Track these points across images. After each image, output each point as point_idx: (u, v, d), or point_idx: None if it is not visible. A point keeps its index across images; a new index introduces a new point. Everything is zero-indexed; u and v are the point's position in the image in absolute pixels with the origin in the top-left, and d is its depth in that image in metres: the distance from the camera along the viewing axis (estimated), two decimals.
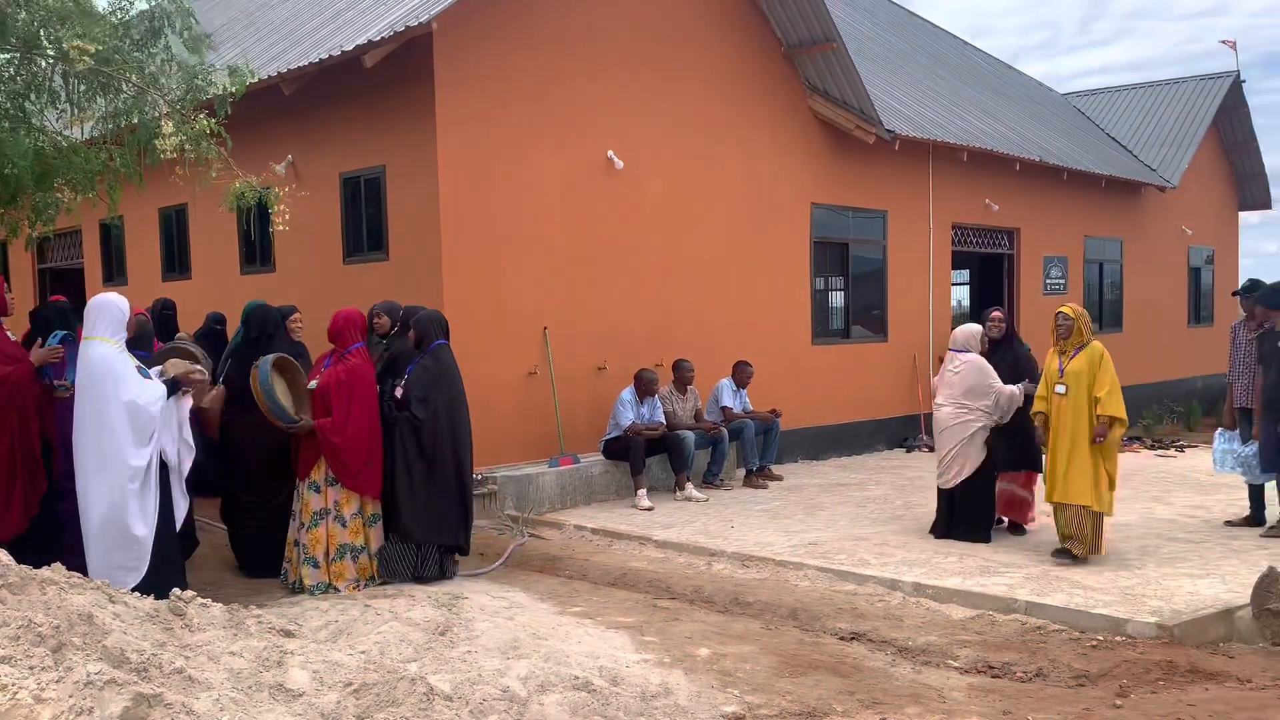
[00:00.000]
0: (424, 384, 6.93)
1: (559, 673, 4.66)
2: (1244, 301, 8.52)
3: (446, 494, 6.93)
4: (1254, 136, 21.61)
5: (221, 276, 11.73)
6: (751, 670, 5.18)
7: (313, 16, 11.54)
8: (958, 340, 8.04)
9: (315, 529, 6.77)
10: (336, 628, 5.59)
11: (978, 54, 21.26)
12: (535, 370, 9.92)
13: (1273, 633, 5.63)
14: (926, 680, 5.14)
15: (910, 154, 13.51)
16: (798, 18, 11.85)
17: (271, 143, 10.55)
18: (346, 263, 10.19)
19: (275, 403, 6.64)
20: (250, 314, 7.66)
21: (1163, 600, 6.15)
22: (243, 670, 3.84)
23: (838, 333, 13.37)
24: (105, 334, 5.58)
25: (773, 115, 12.10)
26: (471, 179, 9.39)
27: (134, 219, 13.07)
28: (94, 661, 3.40)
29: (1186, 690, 4.94)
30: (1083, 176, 16.61)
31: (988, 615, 6.15)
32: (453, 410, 6.99)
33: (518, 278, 9.75)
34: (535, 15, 9.83)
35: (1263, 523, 8.07)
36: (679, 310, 11.13)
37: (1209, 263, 21.21)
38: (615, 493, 9.90)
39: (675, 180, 11.08)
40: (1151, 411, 17.47)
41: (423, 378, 6.95)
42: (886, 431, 13.76)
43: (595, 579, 7.29)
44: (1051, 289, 16.51)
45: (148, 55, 6.88)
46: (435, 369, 6.99)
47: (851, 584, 6.89)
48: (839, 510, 9.30)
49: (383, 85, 9.48)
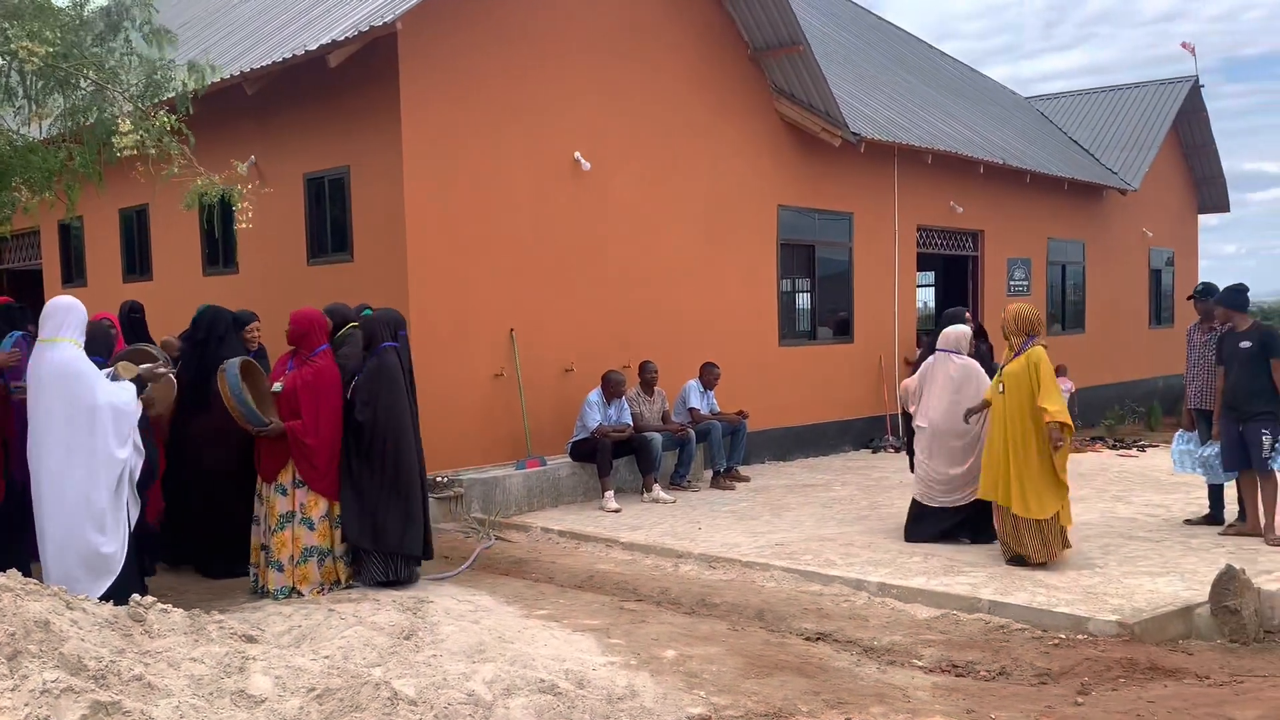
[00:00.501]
0: (366, 386, 6.87)
1: (525, 676, 4.64)
2: (1198, 305, 8.57)
3: (389, 497, 6.80)
4: (1212, 140, 21.96)
5: (184, 278, 11.60)
6: (717, 671, 5.19)
7: (277, 15, 11.44)
8: (949, 342, 7.90)
9: (282, 532, 6.69)
10: (300, 633, 5.54)
11: (943, 58, 21.45)
12: (502, 372, 9.89)
13: (1230, 629, 5.72)
14: (891, 680, 5.17)
15: (876, 157, 13.60)
16: (764, 20, 11.90)
17: (235, 143, 10.44)
18: (311, 264, 10.11)
19: (246, 405, 6.56)
20: (199, 315, 7.56)
21: (1123, 599, 6.22)
22: (204, 676, 3.79)
23: (804, 334, 13.44)
24: (71, 336, 5.49)
25: (739, 118, 12.14)
26: (437, 180, 9.35)
27: (94, 219, 12.90)
28: (50, 669, 3.36)
29: (1146, 687, 5.00)
30: (1045, 179, 16.80)
31: (952, 615, 6.20)
32: (395, 413, 6.86)
33: (484, 279, 9.72)
34: (502, 16, 9.80)
35: (1221, 521, 8.19)
36: (646, 312, 11.13)
37: (1169, 265, 21.51)
38: (582, 495, 9.89)
39: (642, 182, 11.09)
40: (1114, 411, 17.69)
41: (365, 380, 6.89)
42: (852, 432, 13.84)
43: (562, 581, 7.27)
44: (1015, 290, 16.68)
45: (106, 50, 6.77)
46: (377, 370, 6.91)
47: (817, 584, 6.92)
48: (805, 511, 9.33)
49: (347, 85, 9.41)
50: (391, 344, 7.01)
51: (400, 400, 6.91)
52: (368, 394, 6.82)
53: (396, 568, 6.87)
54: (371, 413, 6.78)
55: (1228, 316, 7.96)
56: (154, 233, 12.16)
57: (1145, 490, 10.08)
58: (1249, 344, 7.66)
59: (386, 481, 6.79)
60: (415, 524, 6.88)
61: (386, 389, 6.86)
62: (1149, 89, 21.50)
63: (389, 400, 6.85)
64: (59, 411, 5.37)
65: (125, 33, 6.78)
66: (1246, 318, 7.93)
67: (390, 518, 6.77)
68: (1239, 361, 7.71)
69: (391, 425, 6.83)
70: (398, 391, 6.92)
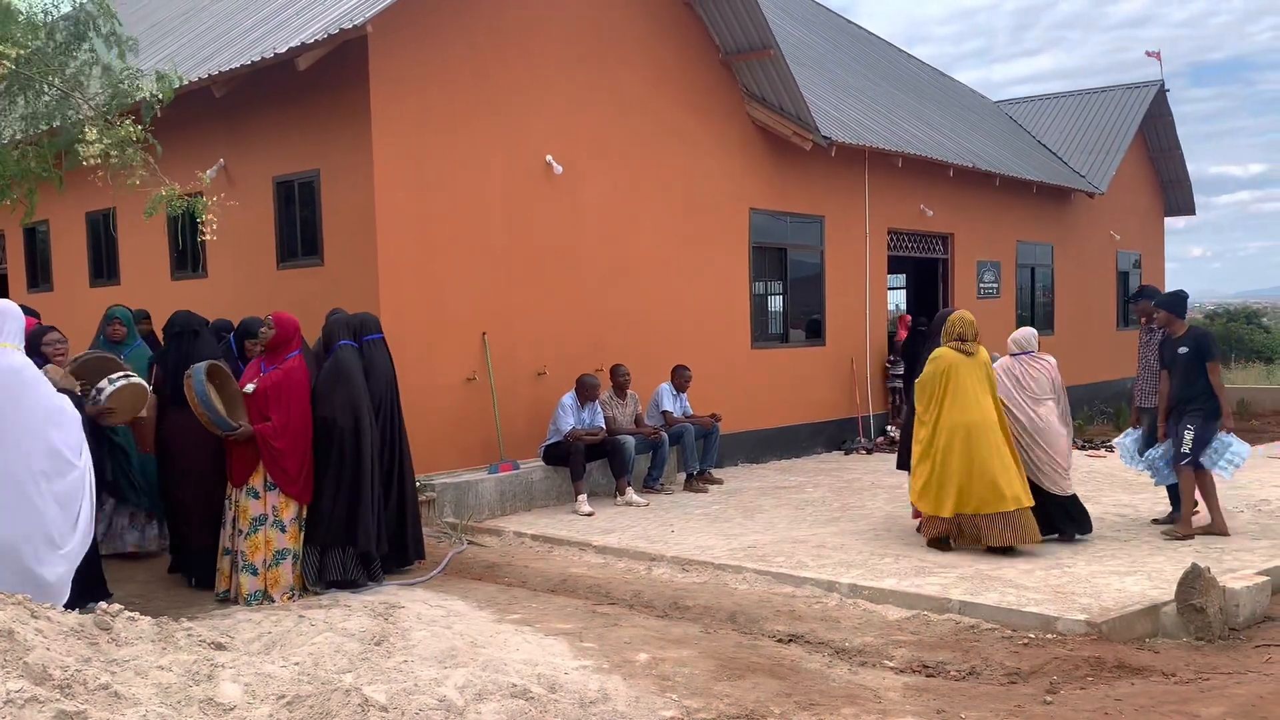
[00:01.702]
0: (323, 386, 6.85)
1: (497, 681, 4.63)
2: (1135, 307, 9.11)
3: (348, 497, 6.78)
4: (1178, 144, 22.21)
5: (152, 283, 11.48)
6: (690, 674, 5.20)
7: (246, 18, 11.35)
8: (1026, 343, 8.17)
9: (254, 535, 6.65)
10: (270, 639, 5.50)
11: (913, 62, 21.59)
12: (474, 376, 9.86)
13: (1196, 628, 5.79)
14: (862, 681, 5.20)
15: (847, 160, 13.68)
16: (735, 25, 11.94)
17: (203, 146, 10.37)
18: (281, 268, 10.04)
19: (213, 411, 6.51)
20: (172, 317, 7.51)
21: (1091, 598, 6.28)
22: (172, 685, 3.76)
23: (776, 337, 13.49)
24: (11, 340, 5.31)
25: (711, 121, 12.18)
26: (408, 183, 9.31)
27: (60, 223, 12.75)
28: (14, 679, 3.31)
29: (1114, 685, 5.06)
30: (1014, 183, 16.94)
31: (923, 615, 6.24)
32: (354, 412, 6.84)
33: (456, 282, 9.69)
34: (473, 19, 9.78)
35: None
36: (619, 315, 11.14)
37: (1137, 267, 21.74)
38: (556, 498, 9.88)
39: (614, 185, 11.09)
40: (1082, 412, 17.85)
41: (322, 380, 6.87)
42: (825, 434, 13.90)
43: (535, 585, 7.26)
44: (985, 293, 16.82)
45: (70, 58, 6.71)
46: (333, 370, 6.90)
47: (789, 586, 6.95)
48: (778, 513, 9.37)
49: (317, 88, 9.36)
50: (349, 343, 7.00)
51: (356, 397, 6.88)
52: (320, 392, 6.83)
53: (347, 567, 6.84)
54: (328, 409, 6.76)
55: (1167, 320, 8.29)
56: (121, 237, 12.03)
57: (1114, 490, 10.18)
58: (1185, 349, 8.02)
59: (347, 480, 6.77)
60: (373, 524, 6.85)
61: (344, 388, 6.85)
62: (1116, 93, 21.74)
63: (347, 399, 6.83)
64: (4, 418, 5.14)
65: (90, 40, 6.71)
66: (1183, 324, 8.26)
67: (352, 517, 6.77)
68: (1179, 367, 8.06)
69: (348, 422, 6.80)
70: (352, 387, 6.88)
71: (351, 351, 7.02)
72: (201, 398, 6.46)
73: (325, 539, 6.78)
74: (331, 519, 6.76)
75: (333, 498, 6.77)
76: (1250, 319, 38.37)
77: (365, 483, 6.84)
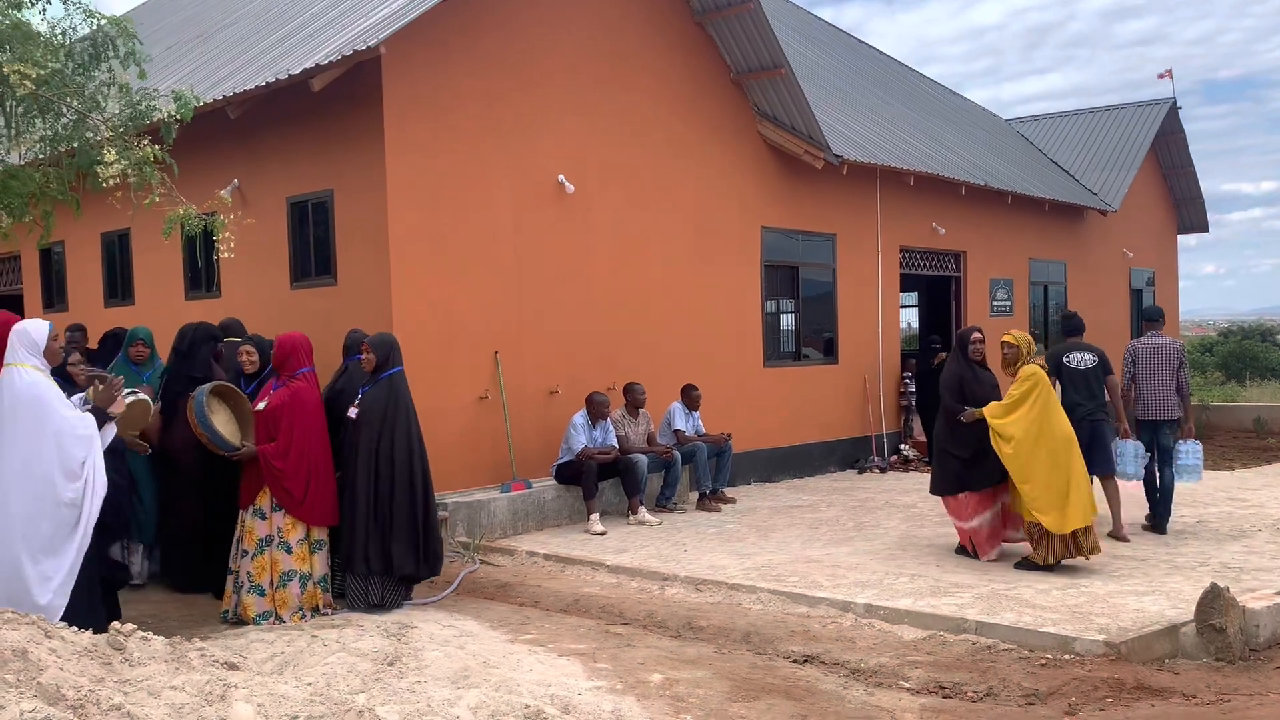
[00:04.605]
0: (380, 410, 6.83)
1: (510, 702, 4.60)
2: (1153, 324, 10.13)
3: (402, 523, 6.78)
4: (1191, 161, 22.17)
5: (166, 302, 11.53)
6: (704, 695, 5.16)
7: (261, 39, 11.45)
8: None
9: (260, 556, 6.65)
10: (283, 659, 5.49)
11: (924, 81, 21.63)
12: (486, 394, 9.86)
13: (1216, 648, 5.72)
14: (878, 702, 5.15)
15: (858, 179, 13.68)
16: (746, 45, 11.98)
17: (218, 166, 10.43)
18: (294, 288, 10.07)
19: (213, 432, 6.52)
20: (181, 331, 7.60)
21: (1109, 618, 6.22)
22: (184, 705, 3.74)
23: (788, 355, 13.46)
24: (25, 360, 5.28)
25: (722, 140, 12.20)
26: (421, 203, 9.35)
27: (75, 244, 12.83)
28: (28, 699, 3.31)
29: (1133, 707, 5.00)
30: (1027, 200, 16.92)
31: (939, 635, 6.19)
32: (409, 437, 6.87)
33: (468, 302, 9.70)
34: (485, 40, 9.84)
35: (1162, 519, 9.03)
36: (631, 334, 11.13)
37: (1150, 284, 21.66)
38: (568, 517, 9.85)
39: (626, 204, 11.11)
40: None
41: (377, 404, 6.85)
42: (838, 453, 13.85)
43: (547, 605, 7.23)
44: (998, 311, 16.77)
45: (89, 78, 6.76)
46: (391, 395, 6.88)
47: (804, 606, 6.90)
48: (792, 532, 9.32)
49: (331, 109, 9.42)
50: (400, 369, 7.01)
51: (414, 425, 6.94)
52: (380, 417, 6.88)
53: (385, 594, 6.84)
54: (384, 436, 6.82)
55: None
56: (135, 257, 12.10)
57: (1128, 507, 10.08)
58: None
59: (402, 506, 6.79)
60: (425, 549, 6.87)
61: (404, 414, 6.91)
62: (1128, 111, 21.72)
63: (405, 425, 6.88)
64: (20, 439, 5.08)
65: (108, 61, 6.75)
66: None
67: (404, 544, 6.77)
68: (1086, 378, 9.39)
69: (408, 451, 6.85)
70: (413, 416, 6.95)
71: (403, 379, 7.03)
72: (200, 418, 6.48)
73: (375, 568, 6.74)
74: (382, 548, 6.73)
75: (353, 521, 6.75)
76: (1265, 336, 38.17)
77: (420, 510, 6.87)
